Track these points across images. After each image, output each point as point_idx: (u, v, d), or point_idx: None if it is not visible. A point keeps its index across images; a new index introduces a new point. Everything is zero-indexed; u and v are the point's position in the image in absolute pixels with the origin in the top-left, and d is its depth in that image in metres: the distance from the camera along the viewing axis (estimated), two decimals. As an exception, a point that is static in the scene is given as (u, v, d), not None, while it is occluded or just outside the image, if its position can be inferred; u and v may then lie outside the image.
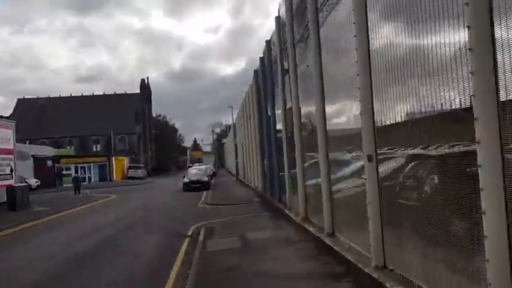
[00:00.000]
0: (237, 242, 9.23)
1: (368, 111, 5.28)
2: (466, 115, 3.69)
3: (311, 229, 8.48)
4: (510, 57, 3.01)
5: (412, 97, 4.53)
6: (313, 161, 9.56)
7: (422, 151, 4.79)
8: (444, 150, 4.25)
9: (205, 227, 11.91)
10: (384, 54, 5.00)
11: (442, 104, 4.07)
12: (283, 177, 12.94)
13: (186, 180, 29.15)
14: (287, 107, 11.54)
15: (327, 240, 7.21)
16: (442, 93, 3.97)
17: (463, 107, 3.67)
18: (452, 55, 3.65)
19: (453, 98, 3.89)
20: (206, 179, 29.75)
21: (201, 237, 10.32)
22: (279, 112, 13.28)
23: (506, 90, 3.09)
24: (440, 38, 3.86)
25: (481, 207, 3.24)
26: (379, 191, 5.27)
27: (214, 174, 48.78)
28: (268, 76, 15.20)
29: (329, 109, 7.74)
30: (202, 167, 38.28)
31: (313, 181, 9.36)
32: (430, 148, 4.61)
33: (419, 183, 5.20)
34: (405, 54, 4.59)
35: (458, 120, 3.96)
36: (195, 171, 31.75)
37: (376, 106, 5.20)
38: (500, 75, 3.09)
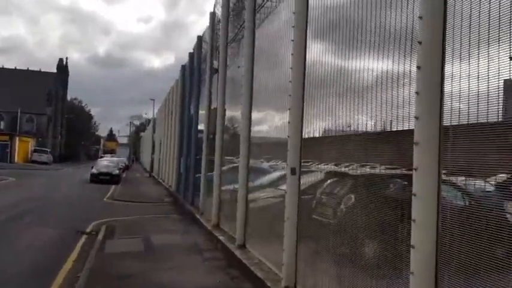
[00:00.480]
0: (139, 245, 8.50)
1: (297, 122, 4.94)
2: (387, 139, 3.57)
3: (221, 238, 8.01)
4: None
5: (332, 115, 4.34)
6: (232, 165, 9.14)
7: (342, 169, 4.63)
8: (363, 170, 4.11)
9: (108, 225, 10.97)
10: (316, 68, 4.76)
11: (365, 125, 3.91)
12: (198, 179, 12.37)
13: (94, 171, 27.38)
14: (212, 107, 11.03)
15: (237, 253, 6.77)
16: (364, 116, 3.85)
17: (384, 130, 3.64)
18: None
19: (374, 120, 3.78)
20: (117, 172, 28.16)
21: (100, 236, 9.42)
22: (202, 112, 12.71)
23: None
24: (362, 63, 3.92)
25: (409, 238, 2.97)
26: (298, 206, 4.93)
27: (127, 168, 46.66)
28: (196, 73, 14.59)
29: (255, 115, 7.37)
30: (115, 159, 36.31)
31: (230, 187, 8.93)
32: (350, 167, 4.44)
33: (336, 202, 4.97)
34: (332, 73, 4.40)
35: (381, 142, 3.80)
36: (105, 163, 29.97)
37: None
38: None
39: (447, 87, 2.86)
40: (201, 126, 13.18)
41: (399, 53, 3.35)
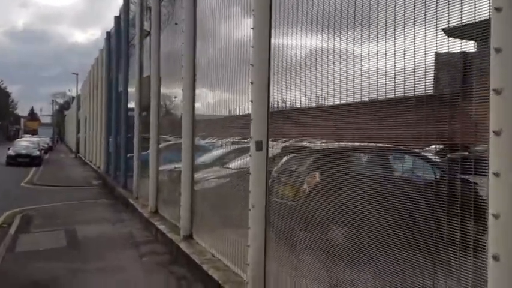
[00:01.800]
0: (61, 240, 7.06)
1: (263, 92, 3.84)
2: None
3: (162, 227, 6.79)
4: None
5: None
6: (171, 143, 7.88)
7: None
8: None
9: (23, 215, 9.32)
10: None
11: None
12: (130, 160, 10.94)
13: (11, 152, 24.64)
14: (144, 75, 9.59)
15: (183, 245, 5.62)
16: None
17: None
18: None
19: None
20: (37, 153, 25.59)
21: (12, 229, 7.83)
22: (132, 90, 11.20)
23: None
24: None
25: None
26: (267, 190, 3.86)
27: (50, 149, 43.34)
28: (124, 40, 12.90)
29: (200, 84, 6.17)
30: (35, 139, 33.21)
31: (169, 167, 7.69)
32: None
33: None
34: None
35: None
36: (24, 143, 27.19)
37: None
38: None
39: None
40: (131, 105, 11.69)
41: None
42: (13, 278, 5.09)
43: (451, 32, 2.34)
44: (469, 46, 2.33)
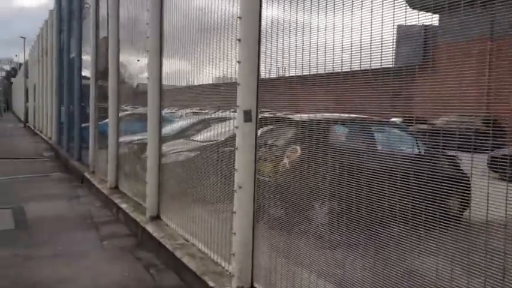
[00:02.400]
0: (8, 221, 6.23)
1: (253, 56, 3.22)
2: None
3: (124, 206, 6.12)
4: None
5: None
6: (131, 112, 7.14)
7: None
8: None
9: (-36, 191, 8.38)
10: None
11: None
12: (85, 130, 10.06)
13: (-49, 122, 22.71)
14: (100, 37, 8.65)
15: (150, 227, 5.01)
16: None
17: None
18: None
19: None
20: (-18, 122, 23.75)
21: (-49, 209, 6.94)
22: (87, 55, 10.21)
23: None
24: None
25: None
26: (255, 169, 3.30)
27: (-4, 118, 40.75)
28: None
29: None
30: (-21, 107, 30.91)
31: (132, 138, 6.97)
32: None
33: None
34: None
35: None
36: (-33, 112, 25.15)
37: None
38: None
39: None
40: (85, 73, 10.70)
41: None
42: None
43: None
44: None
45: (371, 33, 2.44)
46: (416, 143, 2.66)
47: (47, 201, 7.52)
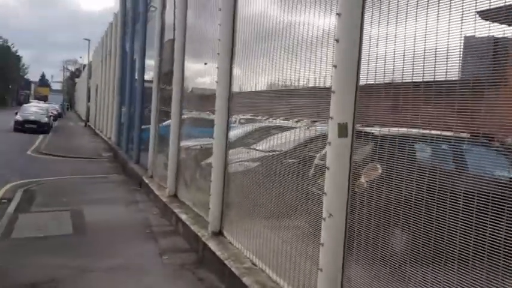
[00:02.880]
0: (66, 224, 6.06)
1: (351, 61, 2.71)
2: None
3: (184, 216, 5.77)
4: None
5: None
6: (197, 115, 6.83)
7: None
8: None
9: (26, 189, 8.39)
10: None
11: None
12: (145, 132, 9.92)
13: (19, 118, 23.70)
14: (166, 39, 8.44)
15: (213, 245, 4.59)
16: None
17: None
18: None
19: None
20: (46, 119, 24.63)
21: (11, 207, 6.90)
22: (150, 58, 10.15)
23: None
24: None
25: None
26: (349, 194, 2.78)
27: (60, 116, 42.47)
28: (142, 1, 11.68)
29: (196, 67, 5.09)
30: (44, 105, 32.20)
31: (195, 143, 6.64)
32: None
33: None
34: None
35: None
36: (34, 109, 26.17)
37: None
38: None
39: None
40: (147, 76, 10.61)
41: None
42: (2, 280, 4.10)
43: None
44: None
45: None
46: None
47: (106, 204, 7.34)
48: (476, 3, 2.11)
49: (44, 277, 4.09)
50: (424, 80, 2.45)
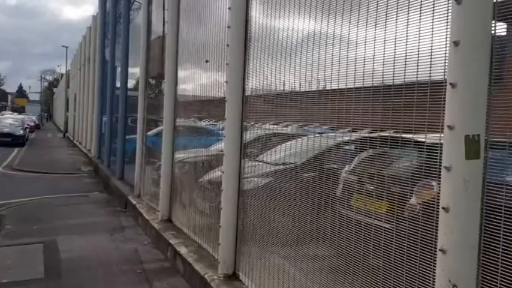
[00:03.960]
0: (36, 263, 4.86)
1: None
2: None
3: (183, 250, 4.65)
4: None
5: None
6: (194, 124, 5.78)
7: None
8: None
9: (-8, 215, 7.17)
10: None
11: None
12: (131, 144, 8.80)
13: (-9, 131, 22.22)
14: (153, 37, 7.33)
15: (229, 294, 3.49)
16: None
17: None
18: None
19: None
20: (21, 132, 23.11)
21: (-29, 241, 5.69)
22: (134, 66, 9.14)
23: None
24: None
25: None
26: (479, 253, 1.73)
27: (37, 127, 40.74)
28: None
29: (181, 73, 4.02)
30: (19, 116, 30.61)
31: (193, 155, 5.54)
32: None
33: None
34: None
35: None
36: (8, 121, 24.66)
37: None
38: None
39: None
40: (131, 84, 9.60)
41: None
42: None
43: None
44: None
45: None
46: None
47: (86, 233, 6.15)
48: None
49: None
50: None
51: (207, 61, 4.82)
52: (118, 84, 10.76)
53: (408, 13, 2.10)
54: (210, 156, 5.08)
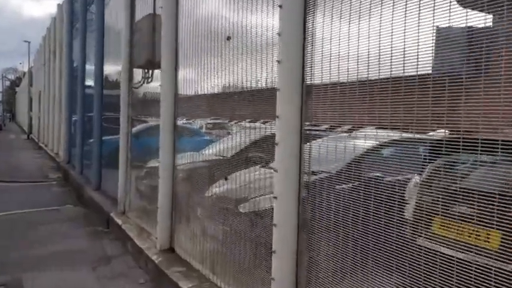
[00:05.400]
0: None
1: None
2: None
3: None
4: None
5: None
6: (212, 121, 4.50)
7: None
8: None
9: None
10: None
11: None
12: (110, 145, 7.48)
13: None
14: (140, 16, 5.92)
15: None
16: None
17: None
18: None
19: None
20: (-20, 134, 21.12)
21: None
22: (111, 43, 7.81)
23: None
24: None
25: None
26: None
27: (-1, 128, 38.37)
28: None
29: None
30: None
31: (208, 158, 4.25)
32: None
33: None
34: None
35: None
36: (-35, 123, 22.54)
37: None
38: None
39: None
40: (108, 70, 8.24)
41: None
42: None
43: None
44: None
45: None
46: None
47: (61, 266, 4.74)
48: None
49: None
50: None
51: (228, 38, 3.50)
52: (92, 79, 9.29)
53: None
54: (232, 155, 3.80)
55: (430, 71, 2.02)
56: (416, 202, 2.31)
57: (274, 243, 2.58)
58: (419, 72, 1.99)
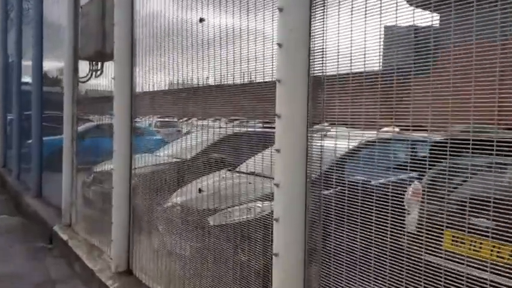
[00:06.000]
0: None
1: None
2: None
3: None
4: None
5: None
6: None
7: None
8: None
9: None
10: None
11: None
12: (53, 146, 6.66)
13: None
14: (83, 2, 5.14)
15: None
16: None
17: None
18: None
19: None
20: None
21: None
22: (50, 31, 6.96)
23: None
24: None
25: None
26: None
27: None
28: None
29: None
30: None
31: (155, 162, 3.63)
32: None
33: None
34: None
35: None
36: None
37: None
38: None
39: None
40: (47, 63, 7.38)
41: None
42: None
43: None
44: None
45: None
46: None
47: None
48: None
49: None
50: None
51: (201, 20, 2.89)
52: (29, 74, 8.32)
53: None
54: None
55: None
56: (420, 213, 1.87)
57: (275, 272, 2.01)
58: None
